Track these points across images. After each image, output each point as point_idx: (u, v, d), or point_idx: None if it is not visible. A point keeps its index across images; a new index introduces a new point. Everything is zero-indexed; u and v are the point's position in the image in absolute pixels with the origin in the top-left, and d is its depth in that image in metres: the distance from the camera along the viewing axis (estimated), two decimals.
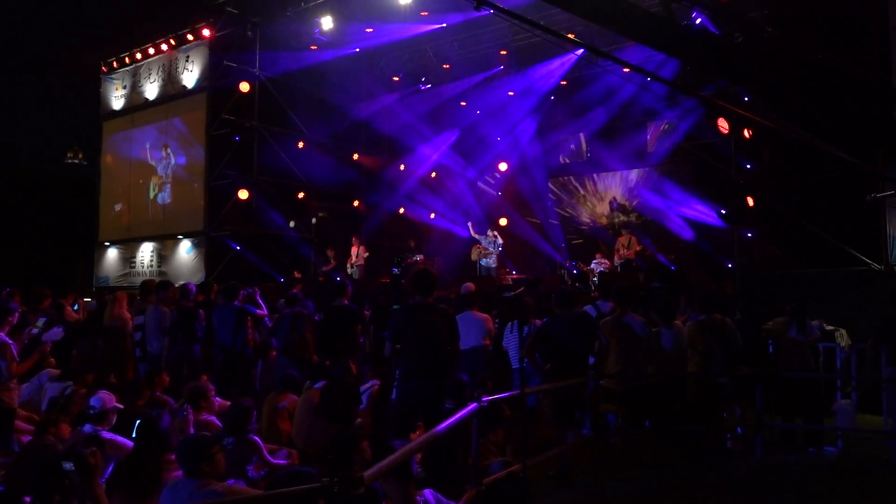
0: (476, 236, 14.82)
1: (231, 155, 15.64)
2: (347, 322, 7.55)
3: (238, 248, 15.52)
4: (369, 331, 8.83)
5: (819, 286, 9.66)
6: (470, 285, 8.48)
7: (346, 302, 7.70)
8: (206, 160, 15.99)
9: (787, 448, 6.75)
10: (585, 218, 17.50)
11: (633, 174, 16.83)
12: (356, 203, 18.55)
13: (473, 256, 14.87)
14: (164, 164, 17.10)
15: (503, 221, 17.21)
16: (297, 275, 15.56)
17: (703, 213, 14.64)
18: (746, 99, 12.33)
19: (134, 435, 4.15)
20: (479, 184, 18.97)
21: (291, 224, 16.97)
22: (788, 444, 6.84)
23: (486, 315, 7.45)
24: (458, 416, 3.76)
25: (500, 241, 14.59)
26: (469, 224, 15.09)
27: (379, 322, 8.54)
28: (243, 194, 15.17)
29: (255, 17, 15.69)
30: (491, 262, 14.50)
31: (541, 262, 17.10)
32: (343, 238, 16.65)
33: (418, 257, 14.78)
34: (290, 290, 9.03)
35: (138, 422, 4.16)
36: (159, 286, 8.35)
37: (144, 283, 8.90)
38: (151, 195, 17.28)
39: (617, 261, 13.68)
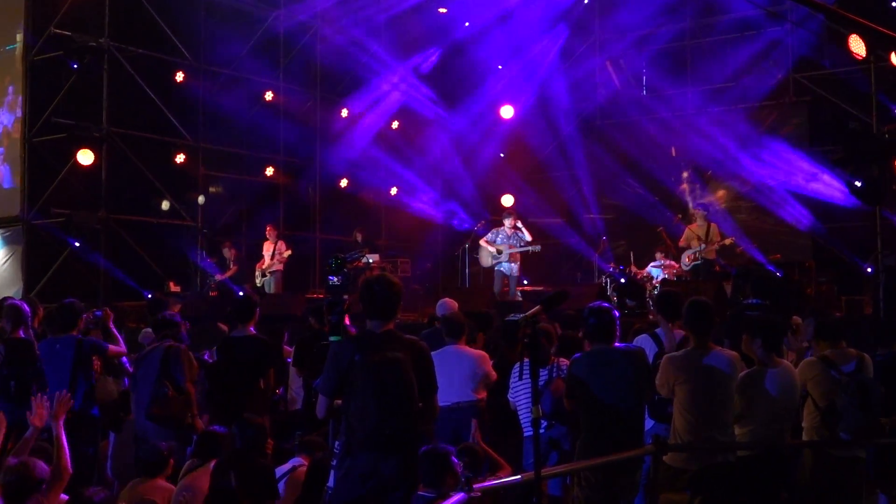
0: (481, 233, 14.36)
1: (65, 94, 15.51)
2: (255, 363, 7.52)
3: (77, 244, 15.38)
4: (290, 377, 8.77)
5: None
6: (451, 303, 8.45)
7: (252, 330, 7.67)
8: (25, 104, 15.84)
9: None
10: (643, 192, 17.56)
11: (715, 123, 16.93)
12: (271, 171, 18.45)
13: (484, 261, 14.38)
14: None
15: (508, 200, 17.23)
16: (173, 287, 15.50)
17: (826, 185, 14.77)
18: (895, 5, 12.49)
19: None
20: (470, 138, 18.99)
21: (165, 205, 16.84)
22: None
23: (480, 352, 7.43)
24: None
25: (525, 234, 14.07)
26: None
27: (307, 363, 8.52)
28: (86, 158, 15.04)
29: None
30: (512, 268, 14.01)
31: (568, 265, 17.16)
32: (250, 228, 16.56)
33: (371, 259, 14.74)
34: (163, 311, 8.98)
35: None
36: None
37: None
38: None
39: (687, 263, 13.73)
